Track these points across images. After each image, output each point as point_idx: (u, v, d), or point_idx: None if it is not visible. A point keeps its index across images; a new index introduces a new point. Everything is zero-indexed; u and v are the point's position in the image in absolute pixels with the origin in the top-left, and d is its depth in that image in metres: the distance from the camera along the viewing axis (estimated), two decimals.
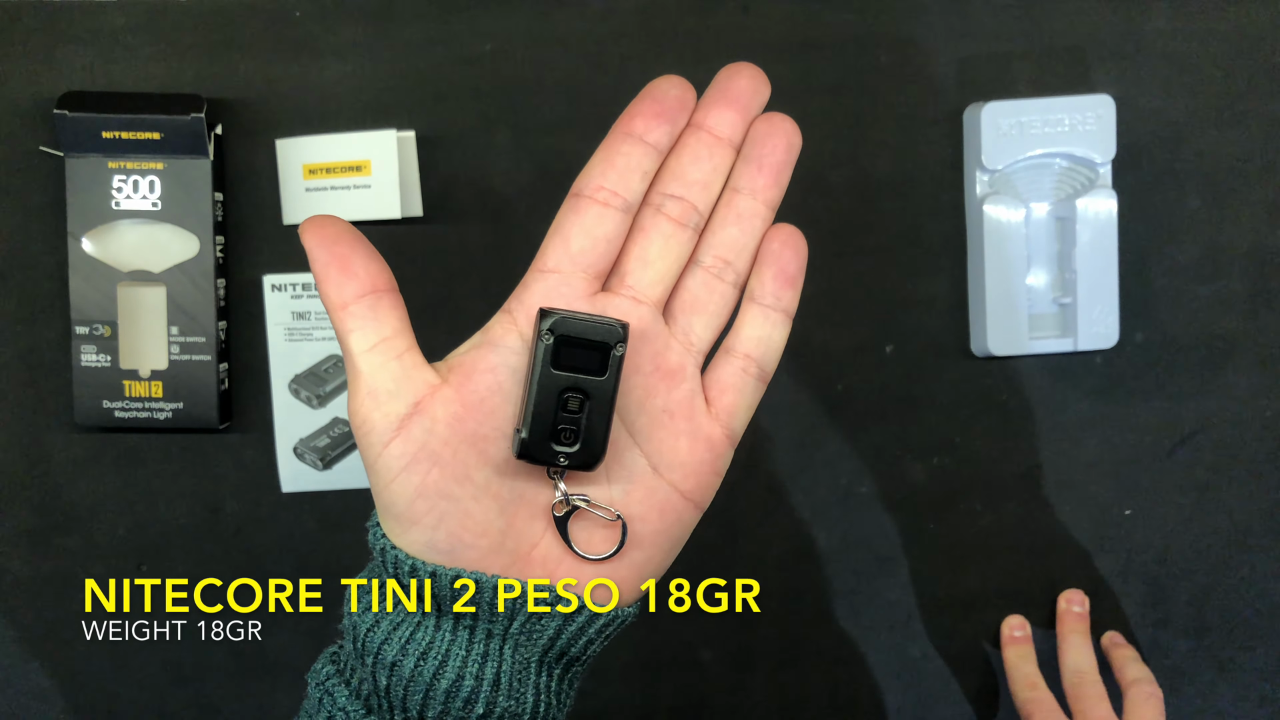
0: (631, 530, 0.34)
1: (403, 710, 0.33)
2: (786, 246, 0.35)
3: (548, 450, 0.32)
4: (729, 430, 0.35)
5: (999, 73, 0.62)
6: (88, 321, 0.60)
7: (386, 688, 0.33)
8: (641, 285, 0.34)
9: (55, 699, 0.64)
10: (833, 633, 0.65)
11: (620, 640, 0.51)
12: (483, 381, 0.33)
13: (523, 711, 0.33)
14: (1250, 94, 0.63)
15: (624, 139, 0.34)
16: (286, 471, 0.62)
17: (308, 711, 0.35)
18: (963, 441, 0.64)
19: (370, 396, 0.32)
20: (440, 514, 0.33)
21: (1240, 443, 0.65)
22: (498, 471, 0.33)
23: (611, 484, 0.34)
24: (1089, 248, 0.61)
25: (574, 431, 0.33)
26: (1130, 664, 0.61)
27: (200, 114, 0.59)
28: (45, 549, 0.63)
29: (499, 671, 0.33)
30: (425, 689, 0.33)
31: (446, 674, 0.33)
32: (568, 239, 0.34)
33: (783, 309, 0.35)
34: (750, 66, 0.35)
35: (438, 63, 0.61)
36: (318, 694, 0.35)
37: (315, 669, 0.36)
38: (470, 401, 0.33)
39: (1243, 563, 0.65)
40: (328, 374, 0.62)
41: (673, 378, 0.34)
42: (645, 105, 0.34)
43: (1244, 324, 0.64)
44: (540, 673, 0.34)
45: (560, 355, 0.32)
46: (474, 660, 0.33)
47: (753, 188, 0.35)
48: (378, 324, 0.33)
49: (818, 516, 0.64)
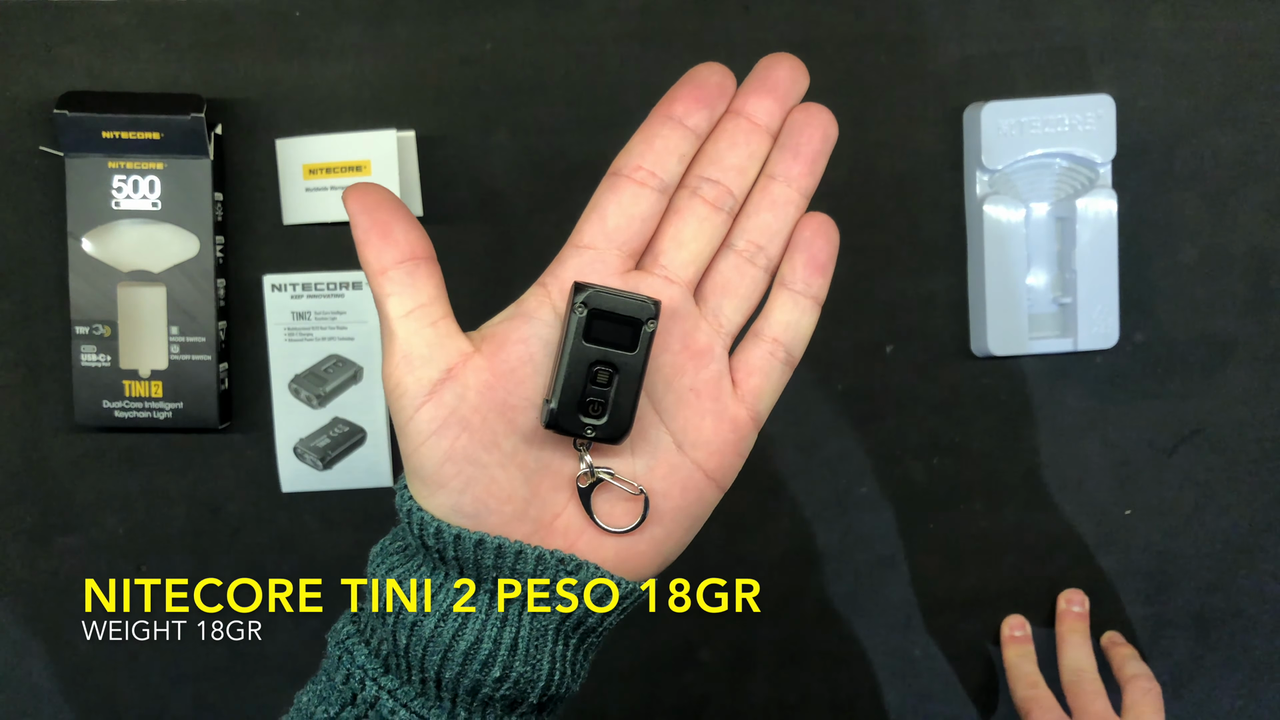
0: (653, 505, 0.35)
1: (420, 670, 0.33)
2: (819, 235, 0.36)
3: (576, 421, 0.33)
4: (754, 412, 0.36)
5: (999, 73, 0.62)
6: (88, 321, 0.60)
7: (406, 647, 0.33)
8: (674, 265, 0.35)
9: (55, 699, 0.64)
10: (833, 633, 0.65)
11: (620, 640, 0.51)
12: (515, 352, 0.34)
13: (538, 678, 0.34)
14: (1250, 94, 0.63)
15: (663, 121, 0.34)
16: (286, 471, 0.62)
17: (326, 670, 0.36)
18: (963, 441, 0.64)
19: (405, 360, 0.33)
20: (467, 479, 0.33)
21: (1240, 443, 0.65)
22: (525, 440, 0.34)
23: (635, 459, 0.35)
24: (1089, 248, 0.61)
25: (602, 404, 0.33)
26: (1129, 661, 0.61)
27: (200, 114, 0.59)
28: (45, 549, 0.63)
29: (516, 637, 0.34)
30: (444, 650, 0.33)
31: (465, 636, 0.33)
32: (604, 216, 0.34)
33: (812, 295, 0.36)
34: (790, 57, 0.35)
35: (438, 63, 0.61)
36: (337, 652, 0.36)
37: (335, 628, 0.37)
38: (501, 370, 0.33)
39: (1242, 562, 0.65)
40: (328, 374, 0.62)
41: (701, 357, 0.35)
42: (686, 90, 0.35)
43: (1244, 324, 0.64)
44: (557, 641, 0.35)
45: (592, 329, 0.33)
46: (493, 624, 0.33)
47: (788, 175, 0.36)
48: (415, 290, 0.33)
49: (818, 516, 0.64)
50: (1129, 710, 0.58)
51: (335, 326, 0.62)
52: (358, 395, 0.62)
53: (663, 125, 0.34)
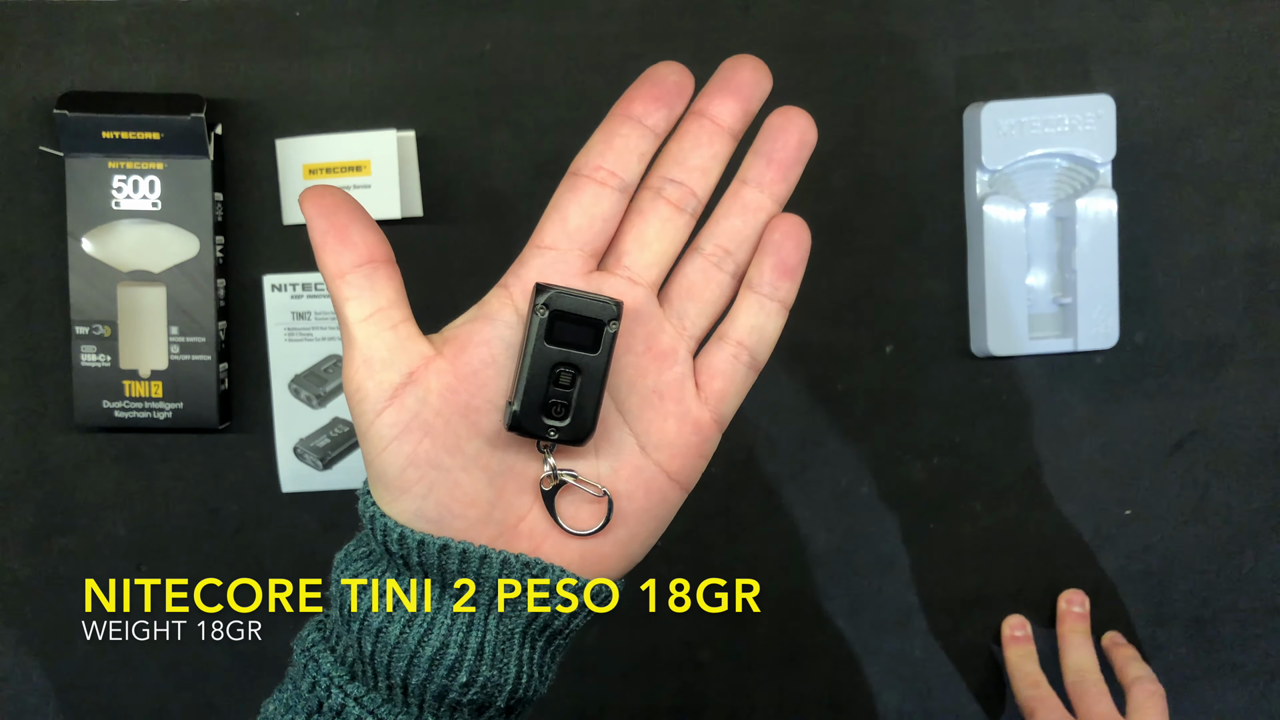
0: (617, 507, 0.35)
1: (386, 676, 0.33)
2: (789, 238, 0.35)
3: (538, 423, 0.33)
4: (717, 415, 0.36)
5: (999, 73, 0.62)
6: (88, 321, 0.60)
7: (371, 654, 0.33)
8: (638, 267, 0.35)
9: (55, 699, 0.64)
10: (833, 633, 0.65)
11: (620, 640, 0.51)
12: (477, 354, 0.33)
13: (505, 682, 0.34)
14: (1250, 94, 0.63)
15: (622, 121, 0.34)
16: (286, 471, 0.62)
17: (292, 678, 0.36)
18: (963, 441, 0.64)
19: (365, 365, 0.33)
20: (430, 483, 0.33)
21: (1240, 443, 0.65)
22: (488, 443, 0.34)
23: (599, 460, 0.35)
24: (1089, 248, 0.61)
25: (565, 406, 0.33)
26: (1131, 663, 0.61)
27: (200, 114, 0.59)
28: (45, 549, 0.63)
29: (483, 641, 0.33)
30: (410, 656, 0.33)
31: (431, 642, 0.33)
32: (565, 217, 0.34)
33: (779, 299, 0.36)
34: (753, 59, 0.35)
35: (438, 63, 0.61)
36: (302, 660, 0.35)
37: (301, 636, 0.37)
38: (464, 373, 0.33)
39: (1242, 562, 0.65)
40: (328, 374, 0.62)
41: (664, 360, 0.35)
42: (644, 89, 0.34)
43: (1244, 324, 0.64)
44: (524, 645, 0.34)
45: (554, 330, 0.33)
46: (458, 629, 0.33)
47: (760, 181, 0.35)
48: (374, 294, 0.33)
49: (818, 516, 0.64)
50: (1134, 714, 0.58)
51: (335, 326, 0.62)
52: None
53: (621, 124, 0.34)
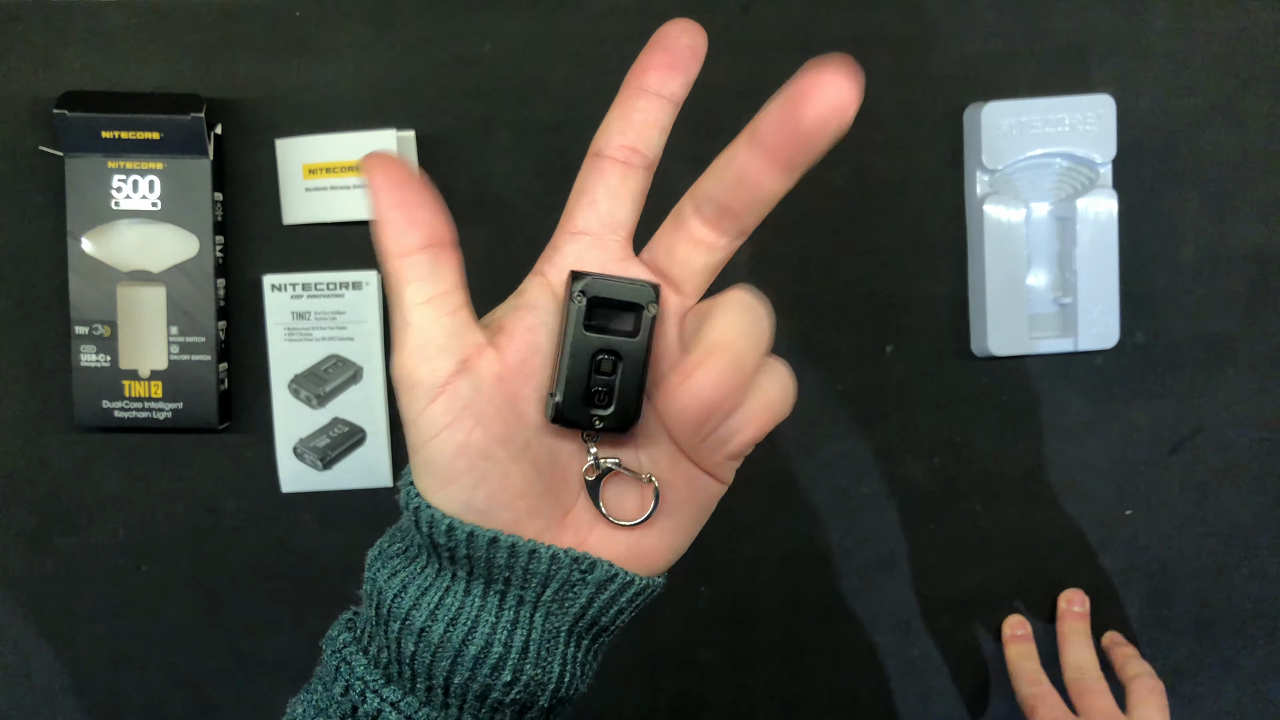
0: (663, 496, 0.34)
1: (427, 677, 0.33)
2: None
3: (582, 413, 0.32)
4: None
5: (999, 73, 0.62)
6: (87, 321, 0.60)
7: (413, 654, 0.32)
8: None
9: (55, 699, 0.64)
10: (833, 633, 0.65)
11: (620, 640, 0.51)
12: (523, 342, 0.33)
13: (549, 681, 0.33)
14: (1250, 94, 0.63)
15: (638, 94, 0.33)
16: (286, 471, 0.62)
17: (322, 679, 0.35)
18: (963, 441, 0.64)
19: (420, 350, 0.32)
20: (480, 474, 0.32)
21: (1240, 443, 0.65)
22: (536, 434, 0.33)
23: (639, 452, 0.34)
24: (1089, 248, 0.61)
25: (608, 394, 0.32)
26: (1131, 660, 0.61)
27: (200, 114, 0.59)
28: (45, 549, 0.63)
29: (528, 639, 0.33)
30: (454, 655, 0.32)
31: (475, 640, 0.32)
32: (595, 201, 0.33)
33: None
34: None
35: (438, 63, 0.61)
36: (334, 661, 0.34)
37: (330, 636, 0.35)
38: (512, 363, 0.32)
39: (1242, 562, 0.65)
40: (327, 374, 0.62)
41: None
42: (658, 57, 0.33)
43: (1244, 324, 0.64)
44: (569, 642, 0.34)
45: (592, 317, 0.32)
46: (503, 627, 0.32)
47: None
48: (436, 278, 0.32)
49: (818, 516, 0.64)
50: (1134, 709, 0.58)
51: (335, 326, 0.62)
52: (357, 395, 0.62)
53: (638, 98, 0.33)
